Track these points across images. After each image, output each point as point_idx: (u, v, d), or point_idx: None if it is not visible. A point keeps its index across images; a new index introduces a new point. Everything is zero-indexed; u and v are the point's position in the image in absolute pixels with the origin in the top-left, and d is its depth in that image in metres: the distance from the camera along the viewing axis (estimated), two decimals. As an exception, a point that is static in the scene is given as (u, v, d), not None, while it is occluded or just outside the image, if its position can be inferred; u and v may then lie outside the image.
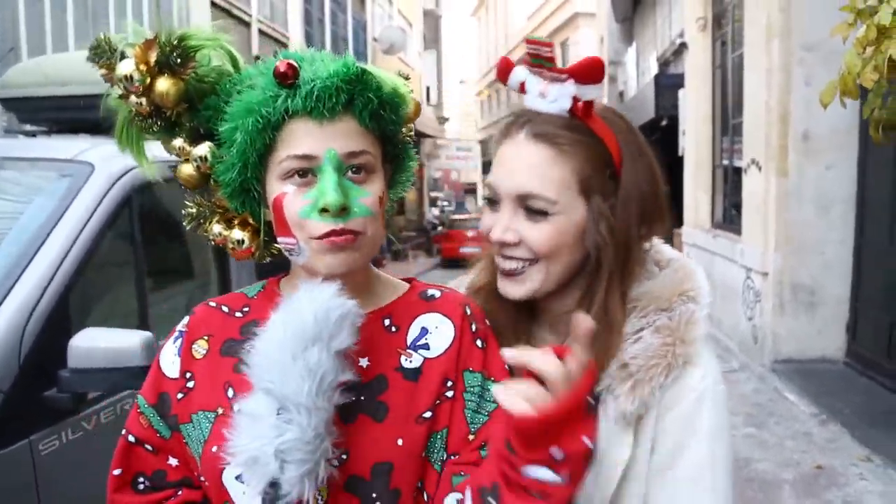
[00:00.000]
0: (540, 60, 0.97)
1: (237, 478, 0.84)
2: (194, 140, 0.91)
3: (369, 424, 0.87)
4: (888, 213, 5.19)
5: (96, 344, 1.79)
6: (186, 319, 0.98)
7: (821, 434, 4.48)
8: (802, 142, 5.68)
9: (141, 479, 0.95)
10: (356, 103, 0.84)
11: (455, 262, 17.27)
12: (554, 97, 0.96)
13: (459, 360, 0.92)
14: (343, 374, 0.80)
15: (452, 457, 0.90)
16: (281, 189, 0.85)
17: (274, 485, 0.76)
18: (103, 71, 0.88)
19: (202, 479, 0.91)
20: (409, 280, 1.03)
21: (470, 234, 18.44)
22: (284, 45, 11.99)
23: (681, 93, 9.93)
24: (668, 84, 10.69)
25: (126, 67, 0.85)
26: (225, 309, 0.98)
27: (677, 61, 10.15)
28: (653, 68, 12.25)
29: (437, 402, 0.90)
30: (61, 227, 1.97)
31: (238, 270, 2.78)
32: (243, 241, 0.95)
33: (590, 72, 0.92)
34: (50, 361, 1.76)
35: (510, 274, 0.98)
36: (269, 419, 0.76)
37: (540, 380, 0.74)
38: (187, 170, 0.92)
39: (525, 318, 1.06)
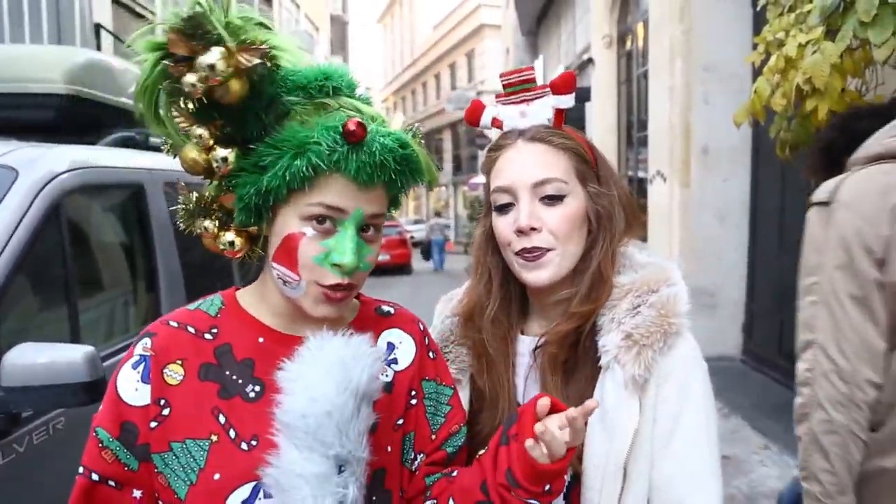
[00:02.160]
0: (521, 86, 1.12)
1: (244, 503, 0.87)
2: (222, 138, 0.88)
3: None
4: (776, 222, 5.67)
5: (34, 360, 1.67)
6: (148, 342, 0.93)
7: (724, 426, 4.82)
8: (703, 156, 6.10)
9: None
10: (395, 180, 0.89)
11: (377, 269, 17.11)
12: (536, 110, 1.11)
13: (419, 371, 1.04)
14: (375, 416, 0.87)
15: (419, 456, 1.02)
16: (300, 228, 0.87)
17: None
18: (175, 36, 0.80)
19: None
20: (356, 296, 1.07)
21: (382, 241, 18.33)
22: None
23: (587, 106, 10.38)
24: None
25: (214, 57, 0.79)
26: (191, 330, 0.95)
27: (583, 75, 10.61)
28: (559, 81, 12.69)
29: (406, 409, 1.01)
30: (-16, 237, 1.84)
31: (167, 280, 2.68)
32: (234, 244, 0.95)
33: (565, 84, 1.10)
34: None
35: (533, 261, 1.07)
36: (333, 478, 0.80)
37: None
38: (193, 155, 0.88)
39: (514, 321, 1.18)
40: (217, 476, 0.87)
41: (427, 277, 16.52)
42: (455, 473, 1.01)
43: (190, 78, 0.80)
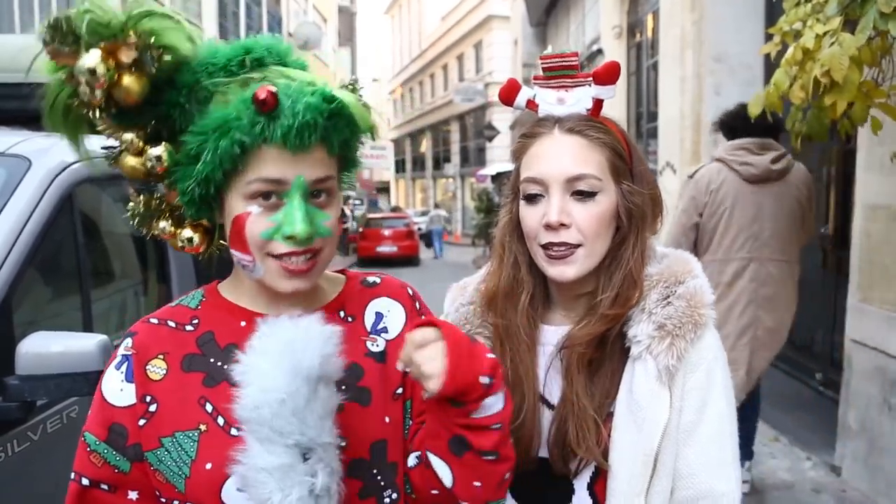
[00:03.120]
0: (561, 71, 1.07)
1: (239, 489, 0.84)
2: (149, 136, 0.87)
3: (358, 409, 0.93)
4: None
5: (48, 349, 1.69)
6: (129, 342, 0.93)
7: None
8: (714, 147, 6.05)
9: None
10: (331, 137, 0.86)
11: (372, 262, 17.19)
12: (576, 99, 1.07)
13: None
14: (339, 397, 0.83)
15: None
16: (245, 208, 0.85)
17: None
18: (52, 52, 0.79)
19: (183, 503, 0.88)
20: (341, 272, 1.07)
21: (386, 232, 18.41)
22: (199, 37, 11.60)
23: (596, 97, 10.32)
24: (583, 88, 11.08)
25: (91, 60, 0.77)
26: (171, 324, 0.95)
27: (592, 66, 10.54)
28: (568, 73, 12.63)
29: (404, 376, 0.97)
30: (-3, 226, 1.84)
31: (178, 268, 2.68)
32: (192, 240, 0.95)
33: (608, 74, 1.05)
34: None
35: (561, 258, 1.06)
36: (298, 467, 0.77)
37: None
38: (131, 162, 0.87)
39: (538, 310, 1.16)
40: (209, 465, 0.86)
41: (435, 269, 16.52)
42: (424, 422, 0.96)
43: (83, 88, 0.78)
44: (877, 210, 3.61)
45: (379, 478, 0.94)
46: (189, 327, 0.94)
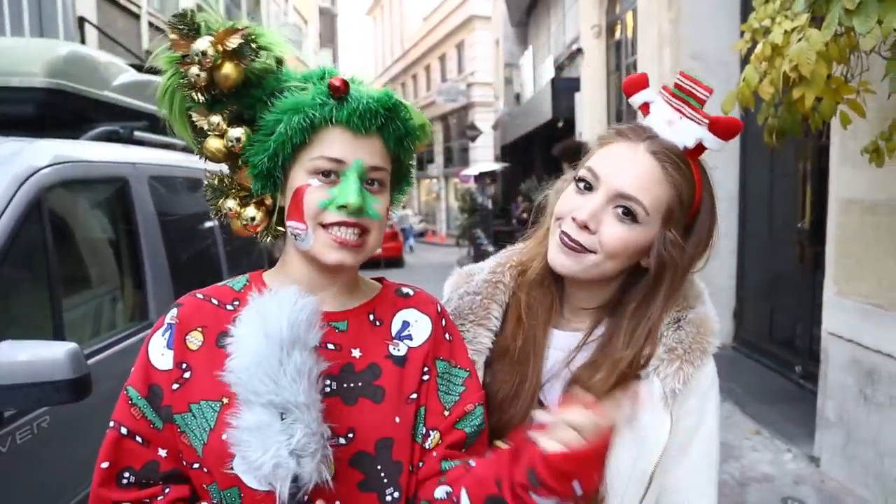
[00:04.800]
0: (689, 98, 1.04)
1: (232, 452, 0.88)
2: (231, 121, 0.99)
3: (370, 406, 0.98)
4: (766, 208, 5.70)
5: (15, 357, 1.66)
6: (175, 311, 1.02)
7: (715, 414, 4.85)
8: (691, 144, 6.11)
9: (126, 475, 0.97)
10: (387, 127, 0.97)
11: (370, 262, 17.09)
12: (682, 130, 1.04)
13: (433, 350, 1.06)
14: (322, 365, 0.88)
15: (433, 433, 1.02)
16: (306, 181, 0.96)
17: (295, 479, 0.82)
18: (174, 36, 0.95)
19: (201, 467, 0.94)
20: (379, 279, 1.15)
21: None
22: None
23: (577, 96, 10.37)
24: (564, 87, 11.14)
25: (204, 43, 0.93)
26: (215, 301, 1.03)
27: (572, 65, 10.59)
28: (549, 72, 12.70)
29: (420, 384, 1.03)
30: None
31: (154, 275, 2.66)
32: (255, 219, 1.04)
33: (727, 130, 1.04)
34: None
35: (571, 248, 1.05)
36: (276, 426, 0.83)
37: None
38: (215, 144, 1.00)
39: (557, 301, 1.16)
40: (224, 436, 0.89)
41: (420, 270, 16.52)
42: (473, 463, 1.00)
43: (193, 69, 0.94)
44: (850, 204, 3.65)
45: (382, 474, 0.97)
46: (229, 307, 1.02)
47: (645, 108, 1.09)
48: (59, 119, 2.83)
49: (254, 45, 0.95)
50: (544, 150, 14.13)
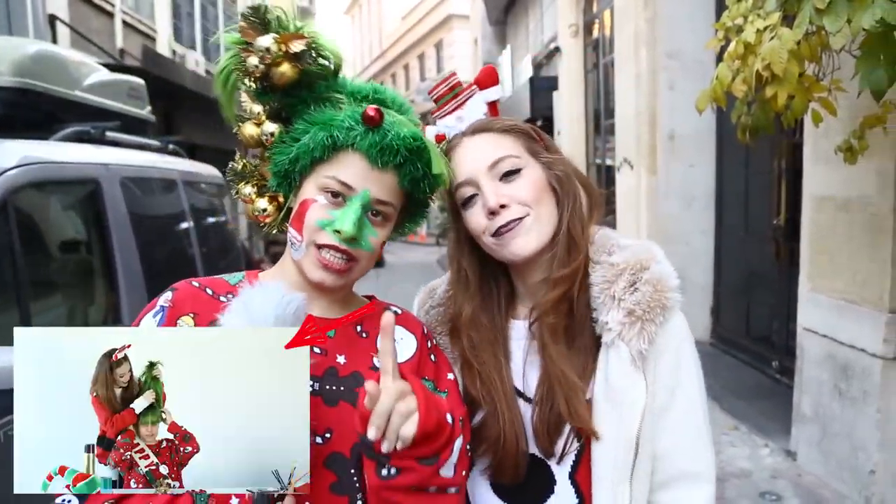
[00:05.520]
0: (450, 94, 1.18)
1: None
2: (270, 115, 1.04)
3: (350, 409, 0.98)
4: (742, 206, 5.76)
5: (-16, 364, 1.61)
6: (169, 294, 1.04)
7: (694, 410, 4.89)
8: (668, 142, 6.16)
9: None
10: (405, 167, 1.00)
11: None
12: (471, 110, 1.18)
13: (419, 369, 1.07)
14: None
15: None
16: (314, 195, 1.01)
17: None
18: (244, 24, 1.00)
19: None
20: (368, 297, 1.19)
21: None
22: (151, 39, 11.09)
23: (555, 94, 10.41)
24: (542, 86, 11.18)
25: (269, 40, 0.97)
26: (209, 291, 1.06)
27: (551, 64, 10.62)
28: (527, 71, 12.73)
29: None
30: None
31: (127, 277, 2.61)
32: (265, 210, 1.09)
33: (488, 78, 1.20)
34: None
35: (511, 230, 1.10)
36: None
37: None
38: (250, 131, 1.05)
39: (502, 316, 1.20)
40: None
41: (401, 270, 16.49)
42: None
43: (252, 59, 0.98)
44: (823, 201, 3.70)
45: (355, 479, 0.98)
46: (223, 298, 1.03)
47: (440, 137, 1.19)
48: (28, 119, 2.77)
49: (314, 52, 0.99)
50: (524, 148, 14.10)
